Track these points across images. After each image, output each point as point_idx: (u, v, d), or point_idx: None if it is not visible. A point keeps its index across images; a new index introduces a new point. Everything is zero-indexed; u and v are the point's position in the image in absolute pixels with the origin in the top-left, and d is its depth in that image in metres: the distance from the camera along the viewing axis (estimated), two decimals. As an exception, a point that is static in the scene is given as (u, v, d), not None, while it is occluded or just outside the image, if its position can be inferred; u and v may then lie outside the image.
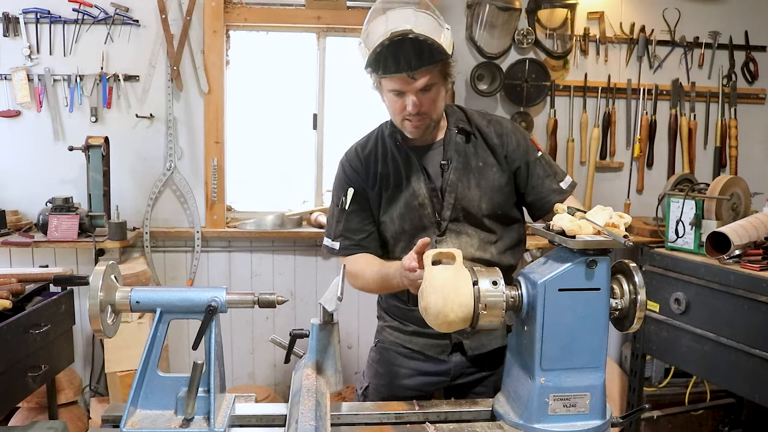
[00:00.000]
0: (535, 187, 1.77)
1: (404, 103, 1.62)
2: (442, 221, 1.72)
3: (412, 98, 1.61)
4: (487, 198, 1.73)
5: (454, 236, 1.73)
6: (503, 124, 1.80)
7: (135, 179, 3.15)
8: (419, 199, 1.72)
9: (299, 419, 1.11)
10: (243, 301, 1.25)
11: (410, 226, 1.73)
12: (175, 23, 3.07)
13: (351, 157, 1.81)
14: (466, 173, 1.73)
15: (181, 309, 1.22)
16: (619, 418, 1.31)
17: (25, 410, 2.84)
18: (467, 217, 1.73)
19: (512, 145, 1.76)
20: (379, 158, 1.77)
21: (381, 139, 1.80)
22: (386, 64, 1.56)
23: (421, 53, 1.55)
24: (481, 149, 1.75)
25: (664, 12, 3.47)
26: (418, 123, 1.67)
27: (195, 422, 1.18)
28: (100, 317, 1.18)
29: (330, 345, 1.37)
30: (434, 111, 1.68)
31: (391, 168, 1.75)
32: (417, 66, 1.56)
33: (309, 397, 1.20)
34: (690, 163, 3.55)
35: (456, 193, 1.71)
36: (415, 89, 1.60)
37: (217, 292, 1.22)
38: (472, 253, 1.72)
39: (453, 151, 1.73)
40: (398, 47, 1.53)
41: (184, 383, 1.18)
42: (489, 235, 1.75)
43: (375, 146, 1.79)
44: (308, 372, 1.31)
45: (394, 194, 1.74)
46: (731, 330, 2.44)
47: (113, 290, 1.22)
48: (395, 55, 1.54)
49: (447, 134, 1.76)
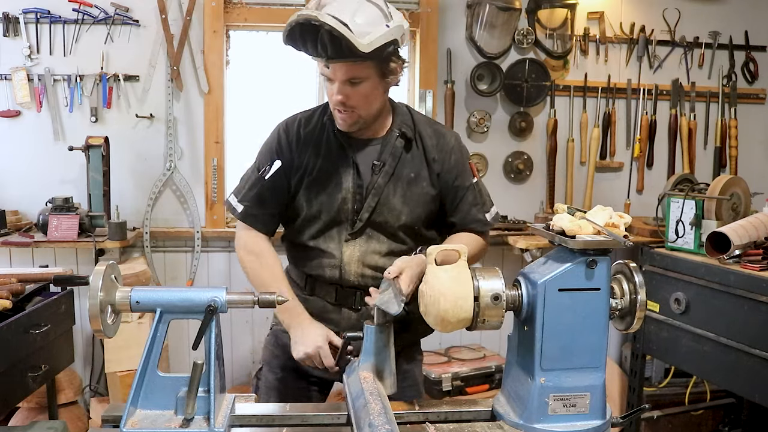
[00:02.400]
0: (461, 212, 1.75)
1: (333, 91, 1.58)
2: (357, 221, 1.68)
3: (337, 87, 1.56)
4: (408, 210, 1.69)
5: (364, 239, 1.69)
6: (448, 139, 1.76)
7: (135, 179, 3.14)
8: (343, 193, 1.67)
9: (372, 423, 1.12)
10: (243, 301, 1.25)
11: (326, 216, 1.69)
12: (175, 23, 3.07)
13: (291, 129, 1.73)
14: (395, 180, 1.68)
15: (181, 309, 1.22)
16: (619, 418, 1.31)
17: (25, 410, 2.83)
18: (383, 224, 1.69)
19: (450, 163, 1.73)
20: (315, 140, 1.71)
21: (323, 119, 1.73)
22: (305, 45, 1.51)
23: (333, 42, 1.47)
24: (418, 160, 1.71)
25: (664, 12, 3.47)
26: (345, 115, 1.62)
27: (195, 422, 1.18)
28: (100, 317, 1.18)
29: (385, 347, 1.37)
30: (364, 108, 1.62)
31: (324, 152, 1.70)
32: (334, 55, 1.50)
33: (375, 400, 1.21)
34: (690, 163, 3.55)
35: (380, 197, 1.67)
36: (339, 78, 1.55)
37: (217, 292, 1.22)
38: (375, 260, 1.69)
39: (389, 154, 1.68)
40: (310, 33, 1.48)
41: (184, 383, 1.18)
42: (399, 246, 1.71)
43: (316, 126, 1.73)
44: (365, 375, 1.32)
45: (320, 179, 1.69)
46: (731, 330, 2.44)
47: (113, 290, 1.22)
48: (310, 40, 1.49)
49: (388, 135, 1.70)
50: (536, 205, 3.45)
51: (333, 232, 1.70)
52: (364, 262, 1.69)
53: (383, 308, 1.36)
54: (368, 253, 1.69)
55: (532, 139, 3.44)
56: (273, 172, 1.70)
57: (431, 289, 1.27)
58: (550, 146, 3.42)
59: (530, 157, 3.43)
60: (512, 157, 3.42)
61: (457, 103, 3.33)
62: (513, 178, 3.44)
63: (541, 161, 3.46)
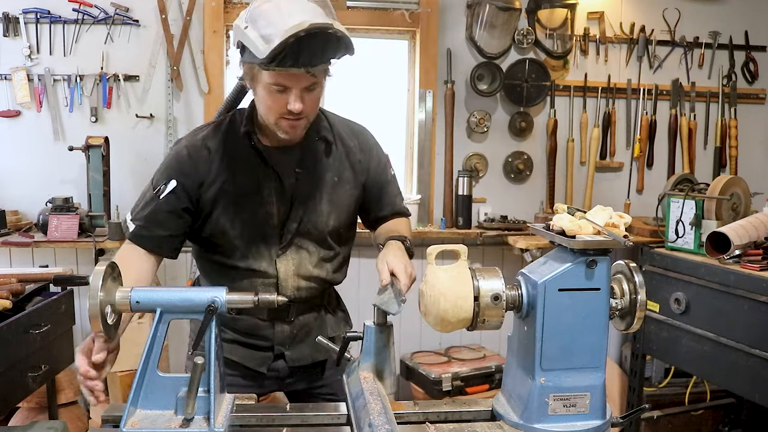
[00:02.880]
0: (387, 204, 1.75)
1: (285, 100, 1.48)
2: (285, 233, 1.62)
3: (296, 96, 1.47)
4: (335, 215, 1.66)
5: (294, 250, 1.64)
6: (367, 137, 1.73)
7: (135, 179, 3.14)
8: (266, 207, 1.60)
9: (373, 423, 1.12)
10: (243, 301, 1.25)
11: (252, 234, 1.61)
12: (175, 23, 3.07)
13: (195, 147, 1.60)
14: (319, 186, 1.63)
15: (181, 309, 1.22)
16: (619, 418, 1.31)
17: (25, 410, 2.83)
18: (311, 232, 1.64)
19: (374, 161, 1.71)
20: (229, 154, 1.60)
21: (232, 134, 1.62)
22: (284, 59, 1.39)
23: (325, 50, 1.42)
24: (339, 162, 1.66)
25: (664, 12, 3.47)
26: (297, 123, 1.53)
27: (195, 422, 1.18)
28: (100, 317, 1.18)
29: (386, 347, 1.37)
30: (313, 113, 1.57)
31: (241, 167, 1.59)
32: (318, 62, 1.44)
33: (375, 400, 1.21)
34: (690, 163, 3.55)
35: (305, 206, 1.62)
36: (301, 86, 1.47)
37: (217, 292, 1.22)
38: (309, 270, 1.65)
39: (310, 161, 1.63)
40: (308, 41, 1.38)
41: (184, 383, 1.18)
42: (328, 252, 1.68)
43: (224, 141, 1.61)
44: (365, 375, 1.32)
45: (240, 197, 1.59)
46: (731, 330, 2.44)
47: (113, 290, 1.22)
48: (298, 49, 1.38)
49: (306, 140, 1.62)
50: (536, 205, 3.45)
51: (261, 249, 1.63)
52: (299, 274, 1.65)
53: (383, 308, 1.36)
54: (302, 265, 1.65)
55: (532, 139, 3.44)
56: (168, 192, 1.56)
57: (431, 289, 1.26)
58: (550, 146, 3.42)
59: (530, 157, 3.43)
60: (512, 157, 3.42)
61: (457, 103, 3.33)
62: (513, 178, 3.44)
63: (541, 161, 3.46)
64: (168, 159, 1.62)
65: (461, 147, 3.38)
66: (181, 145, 1.62)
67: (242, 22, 1.47)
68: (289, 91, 1.47)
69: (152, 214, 1.57)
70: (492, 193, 3.41)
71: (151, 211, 1.57)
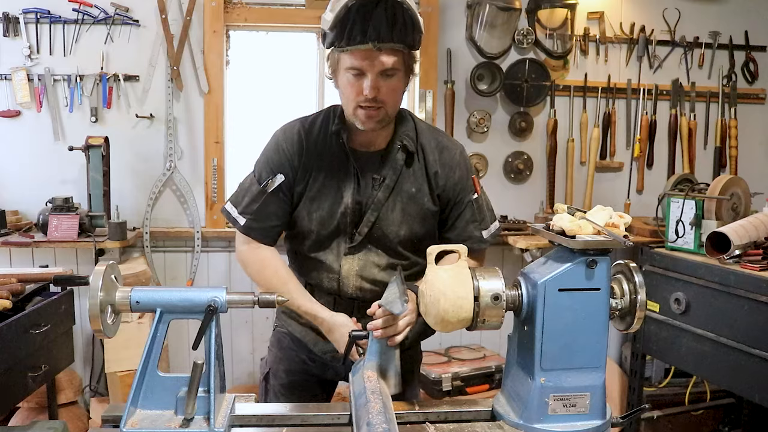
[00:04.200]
0: (457, 228, 1.71)
1: (361, 86, 1.49)
2: (356, 234, 1.63)
3: (371, 79, 1.48)
4: (407, 226, 1.65)
5: (363, 252, 1.65)
6: (453, 153, 1.69)
7: (135, 179, 3.14)
8: (342, 208, 1.62)
9: (371, 422, 1.12)
10: (243, 301, 1.25)
11: (325, 230, 1.64)
12: (175, 23, 3.07)
13: (292, 139, 1.65)
14: (395, 195, 1.63)
15: (181, 309, 1.22)
16: (619, 418, 1.31)
17: (25, 410, 2.83)
18: (382, 238, 1.65)
19: (453, 179, 1.67)
20: (318, 151, 1.64)
21: (326, 130, 1.65)
22: (352, 31, 1.40)
23: (394, 24, 1.41)
24: (419, 174, 1.65)
25: (664, 12, 3.47)
26: (373, 112, 1.53)
27: (195, 422, 1.18)
28: (100, 317, 1.18)
29: (390, 347, 1.37)
30: (391, 103, 1.55)
31: (327, 164, 1.63)
32: (387, 38, 1.43)
33: (375, 399, 1.21)
34: (690, 163, 3.55)
35: (379, 212, 1.62)
36: (376, 69, 1.47)
37: (217, 292, 1.22)
38: (374, 273, 1.66)
39: (390, 168, 1.62)
40: (369, 12, 1.38)
41: (184, 383, 1.18)
42: (398, 260, 1.68)
43: (319, 135, 1.65)
44: (369, 374, 1.32)
45: (321, 193, 1.64)
46: (731, 330, 2.44)
47: (113, 290, 1.22)
48: (364, 20, 1.39)
49: (390, 147, 1.63)
50: (536, 205, 3.45)
51: (332, 244, 1.66)
52: (362, 275, 1.66)
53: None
54: (367, 267, 1.66)
55: (532, 139, 3.44)
56: (276, 186, 1.64)
57: (431, 289, 1.27)
58: (550, 146, 3.42)
59: (530, 157, 3.43)
60: (512, 157, 3.42)
61: (457, 103, 3.33)
62: (513, 178, 3.44)
63: (541, 161, 3.46)
64: (270, 151, 1.67)
65: (461, 147, 3.37)
66: (280, 139, 1.67)
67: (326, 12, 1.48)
68: (364, 77, 1.48)
69: (262, 207, 1.65)
70: (492, 193, 3.37)
71: (261, 206, 1.65)
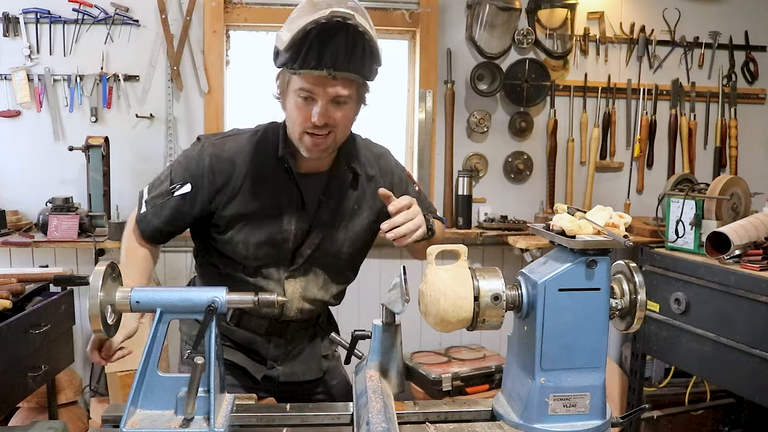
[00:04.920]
0: None
1: (310, 112, 1.41)
2: (298, 257, 1.59)
3: (321, 106, 1.40)
4: (349, 243, 1.64)
5: (303, 273, 1.62)
6: (388, 159, 1.69)
7: (135, 179, 3.14)
8: (284, 235, 1.57)
9: (370, 421, 1.12)
10: (243, 301, 1.25)
11: (263, 255, 1.57)
12: (175, 23, 3.07)
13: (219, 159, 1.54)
14: (339, 214, 1.60)
15: (181, 309, 1.22)
16: (619, 418, 1.31)
17: (25, 410, 2.83)
18: (323, 257, 1.62)
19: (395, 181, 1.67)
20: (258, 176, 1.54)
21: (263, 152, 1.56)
22: (307, 55, 1.32)
23: (353, 53, 1.34)
24: (362, 191, 1.63)
25: (664, 12, 3.47)
26: (320, 140, 1.45)
27: (195, 422, 1.18)
28: (100, 317, 1.18)
29: (393, 346, 1.37)
30: (341, 131, 1.48)
31: (268, 190, 1.55)
32: (344, 66, 1.35)
33: (376, 398, 1.21)
34: (690, 163, 3.55)
35: (323, 234, 1.59)
36: (328, 96, 1.40)
37: (217, 292, 1.22)
38: (314, 293, 1.64)
39: (335, 189, 1.59)
40: (329, 37, 1.30)
41: (184, 383, 1.18)
42: (336, 277, 1.67)
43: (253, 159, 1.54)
44: (371, 373, 1.32)
45: (259, 221, 1.55)
46: (731, 330, 2.44)
47: (113, 290, 1.22)
48: (321, 46, 1.31)
49: (335, 168, 1.58)
50: (536, 205, 3.45)
51: (272, 270, 1.60)
52: (305, 297, 1.64)
53: (389, 307, 1.36)
54: (309, 288, 1.64)
55: (532, 139, 3.44)
56: (180, 193, 1.54)
57: (431, 289, 1.26)
58: (550, 146, 3.42)
59: (530, 157, 3.43)
60: (512, 157, 3.42)
61: (457, 103, 3.33)
62: (513, 178, 3.44)
63: (541, 161, 3.46)
64: (190, 159, 1.57)
65: (461, 147, 3.38)
66: (206, 152, 1.55)
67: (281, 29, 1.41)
68: (314, 102, 1.41)
69: (161, 206, 1.56)
70: (492, 193, 3.41)
71: (161, 204, 1.56)
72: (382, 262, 3.10)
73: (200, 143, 1.59)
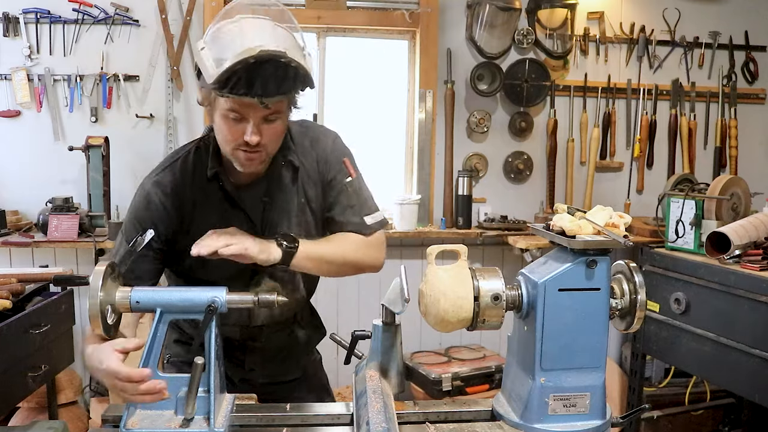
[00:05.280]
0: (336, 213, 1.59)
1: (241, 131, 1.37)
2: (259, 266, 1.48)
3: (252, 127, 1.36)
4: (304, 236, 1.54)
5: (268, 279, 1.54)
6: (325, 143, 1.60)
7: (135, 179, 3.14)
8: None
9: (370, 421, 1.12)
10: (243, 301, 1.25)
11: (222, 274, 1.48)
12: (175, 23, 3.07)
13: (164, 193, 1.50)
14: (287, 212, 1.55)
15: (181, 309, 1.22)
16: (619, 418, 1.31)
17: (25, 410, 2.83)
18: None
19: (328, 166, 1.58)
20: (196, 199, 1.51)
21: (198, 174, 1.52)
22: (237, 84, 1.27)
23: (284, 79, 1.31)
24: (304, 181, 1.57)
25: (664, 12, 3.47)
26: (254, 156, 1.41)
27: (195, 422, 1.18)
28: (100, 317, 1.18)
29: (393, 347, 1.38)
30: (274, 145, 1.45)
31: (209, 211, 1.50)
32: (273, 92, 1.31)
33: (376, 398, 1.21)
34: (690, 163, 3.55)
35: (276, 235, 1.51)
36: (258, 117, 1.36)
37: (217, 292, 1.22)
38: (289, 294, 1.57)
39: (277, 188, 1.53)
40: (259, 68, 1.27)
41: (184, 383, 1.18)
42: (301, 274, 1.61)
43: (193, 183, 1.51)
44: (371, 373, 1.32)
45: None
46: (731, 330, 2.44)
47: (113, 290, 1.22)
48: (252, 76, 1.27)
49: (272, 166, 1.52)
50: (536, 205, 3.45)
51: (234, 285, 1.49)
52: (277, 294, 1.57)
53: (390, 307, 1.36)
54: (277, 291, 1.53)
55: (532, 139, 3.44)
56: (145, 243, 1.48)
57: (431, 289, 1.26)
58: (550, 146, 3.42)
59: (530, 157, 3.43)
60: (512, 157, 3.42)
61: (457, 103, 3.33)
62: (513, 178, 3.44)
63: (541, 161, 3.46)
64: (139, 207, 1.52)
65: (461, 147, 3.38)
66: (152, 192, 1.51)
67: (201, 42, 1.35)
68: (245, 121, 1.36)
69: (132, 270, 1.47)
70: (492, 193, 3.41)
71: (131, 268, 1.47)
72: (382, 262, 3.09)
73: (141, 187, 1.56)
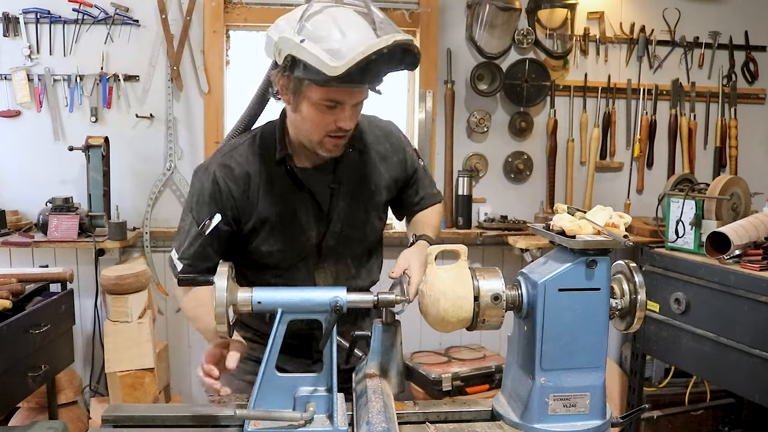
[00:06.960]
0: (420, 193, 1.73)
1: (334, 117, 1.41)
2: (323, 249, 1.58)
3: (349, 111, 1.41)
4: (370, 223, 1.63)
5: (333, 262, 1.61)
6: (397, 136, 1.69)
7: (135, 179, 3.14)
8: (305, 232, 1.56)
9: (370, 421, 1.13)
10: (363, 301, 1.27)
11: (289, 257, 1.57)
12: (175, 23, 3.07)
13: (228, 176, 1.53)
14: (355, 198, 1.59)
15: (302, 309, 1.24)
16: (619, 418, 1.31)
17: (25, 410, 2.83)
18: (348, 242, 1.61)
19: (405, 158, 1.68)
20: (266, 183, 1.53)
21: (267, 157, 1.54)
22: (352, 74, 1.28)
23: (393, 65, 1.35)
24: (373, 169, 1.61)
25: (664, 12, 3.47)
26: (341, 140, 1.47)
27: (316, 421, 1.20)
28: (226, 317, 1.18)
29: (393, 347, 1.38)
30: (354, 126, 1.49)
31: (276, 195, 1.54)
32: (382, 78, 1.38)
33: (376, 398, 1.21)
34: (690, 163, 3.55)
35: (343, 221, 1.58)
36: (355, 101, 1.41)
37: (338, 292, 1.24)
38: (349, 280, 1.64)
39: (344, 174, 1.57)
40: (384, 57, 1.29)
41: (301, 383, 1.22)
42: (366, 258, 1.68)
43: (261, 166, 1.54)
44: (371, 373, 1.33)
45: (279, 225, 1.55)
46: (731, 330, 2.44)
47: (235, 291, 1.23)
48: (368, 65, 1.29)
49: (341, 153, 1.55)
50: (536, 205, 3.45)
51: (299, 266, 1.60)
52: (337, 281, 1.63)
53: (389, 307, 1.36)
54: (340, 275, 1.63)
55: (532, 139, 3.44)
56: (213, 227, 1.51)
57: (431, 289, 1.27)
58: (550, 146, 3.42)
59: (530, 157, 3.43)
60: (512, 157, 3.42)
61: (457, 103, 3.33)
62: (513, 178, 3.44)
63: (541, 161, 3.46)
64: (205, 191, 1.53)
65: (461, 147, 3.38)
66: (218, 175, 1.53)
67: (292, 34, 1.34)
68: (340, 107, 1.40)
69: (200, 250, 1.52)
70: (492, 193, 3.41)
71: (199, 249, 1.52)
72: (382, 262, 3.10)
73: (205, 170, 1.56)
